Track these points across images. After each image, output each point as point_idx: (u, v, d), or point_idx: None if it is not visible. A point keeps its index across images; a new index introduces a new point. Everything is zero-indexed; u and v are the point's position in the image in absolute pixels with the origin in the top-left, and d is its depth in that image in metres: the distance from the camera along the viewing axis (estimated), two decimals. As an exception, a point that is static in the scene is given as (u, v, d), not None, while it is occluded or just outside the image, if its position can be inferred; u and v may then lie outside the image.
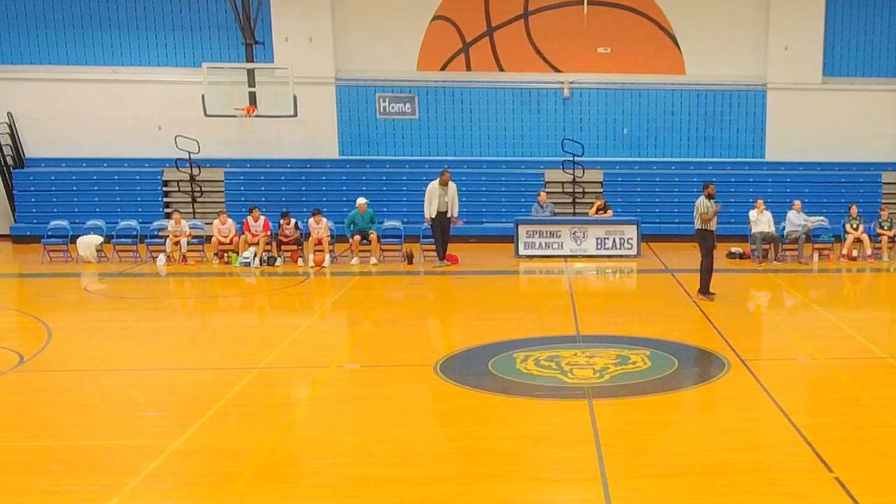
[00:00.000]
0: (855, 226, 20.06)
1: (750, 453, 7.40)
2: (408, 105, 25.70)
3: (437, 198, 18.90)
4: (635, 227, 20.38)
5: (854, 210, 20.28)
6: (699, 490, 6.57)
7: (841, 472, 6.81)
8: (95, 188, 23.56)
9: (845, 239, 20.06)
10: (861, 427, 8.09)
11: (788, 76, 25.35)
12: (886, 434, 7.86)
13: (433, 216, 18.91)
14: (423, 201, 19.21)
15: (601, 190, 24.07)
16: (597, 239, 20.38)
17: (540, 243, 20.31)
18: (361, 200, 19.69)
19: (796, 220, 19.90)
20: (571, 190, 24.23)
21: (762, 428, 8.16)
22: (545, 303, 15.72)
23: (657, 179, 24.53)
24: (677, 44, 25.63)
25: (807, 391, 9.73)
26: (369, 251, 19.38)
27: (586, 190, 24.18)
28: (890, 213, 20.88)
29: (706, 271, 14.80)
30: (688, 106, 25.87)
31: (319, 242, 19.02)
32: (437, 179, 19.06)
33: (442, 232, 19.02)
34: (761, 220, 19.60)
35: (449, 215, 19.02)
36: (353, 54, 25.25)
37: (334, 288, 16.98)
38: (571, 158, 24.05)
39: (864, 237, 19.99)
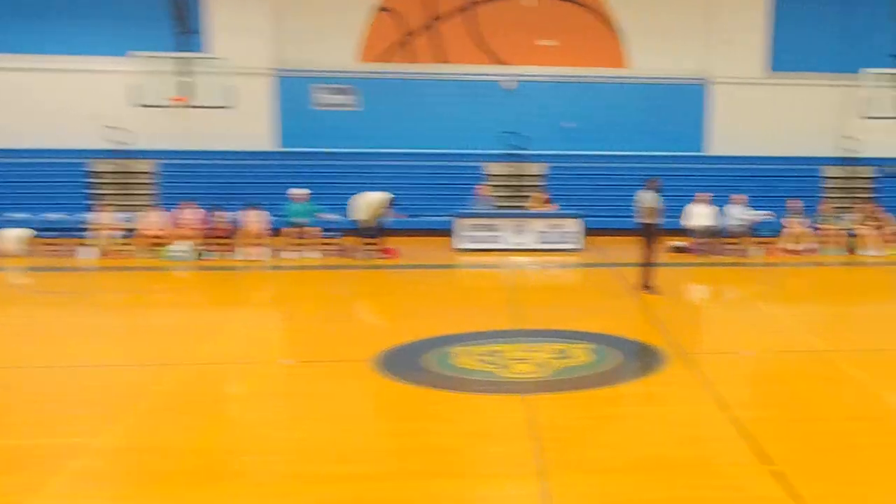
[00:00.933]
0: (796, 220, 20.36)
1: (692, 447, 7.41)
2: (349, 97, 25.59)
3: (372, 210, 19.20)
4: (579, 220, 20.47)
5: (795, 204, 20.60)
6: (641, 485, 6.55)
7: (782, 466, 6.83)
8: (20, 180, 23.04)
9: (787, 233, 20.35)
10: (802, 420, 8.15)
11: (733, 70, 25.70)
12: (827, 427, 7.93)
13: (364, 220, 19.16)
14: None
15: (544, 183, 24.16)
16: (539, 233, 20.44)
17: (481, 237, 20.31)
18: (297, 191, 19.58)
19: (739, 214, 20.15)
20: (514, 183, 24.28)
21: (704, 422, 8.18)
22: (485, 297, 15.66)
23: (601, 173, 24.67)
24: (622, 37, 25.84)
25: (748, 385, 9.79)
26: (307, 245, 19.23)
27: (529, 183, 24.25)
28: (834, 208, 21.27)
29: (649, 266, 14.89)
30: (632, 99, 26.11)
31: (255, 236, 18.83)
32: (387, 199, 19.24)
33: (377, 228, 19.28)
34: (704, 214, 19.81)
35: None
36: (293, 45, 25.06)
37: (270, 282, 16.81)
38: (515, 151, 24.10)
39: (806, 231, 20.30)
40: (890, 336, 11.96)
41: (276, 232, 19.68)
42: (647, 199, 14.76)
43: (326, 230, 19.91)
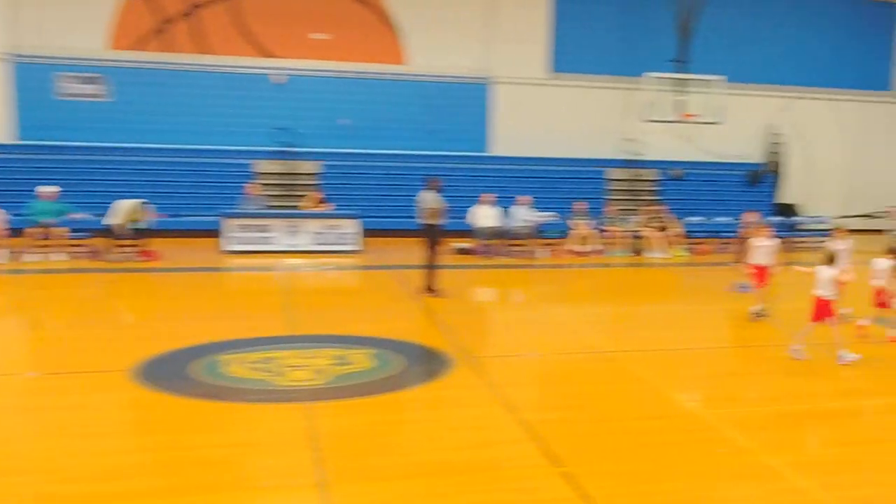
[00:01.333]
0: (582, 221, 21.19)
1: (480, 451, 7.50)
2: (98, 86, 24.66)
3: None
4: (356, 221, 20.48)
5: (580, 206, 21.43)
6: (428, 490, 6.57)
7: (570, 467, 7.03)
8: None
9: (573, 234, 21.13)
10: (590, 421, 8.43)
11: (515, 70, 26.44)
12: (615, 427, 8.23)
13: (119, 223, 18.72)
14: (115, 192, 19.00)
15: (319, 182, 24.04)
16: (314, 234, 20.35)
17: (251, 238, 20.00)
18: (43, 188, 18.76)
19: (524, 215, 20.75)
20: (286, 182, 24.06)
21: (492, 425, 8.31)
22: (257, 301, 15.41)
23: (380, 172, 24.80)
24: (401, 34, 26.11)
25: (536, 387, 10.05)
26: (54, 246, 18.40)
27: (303, 182, 24.09)
28: (619, 210, 22.28)
29: (432, 267, 15.06)
30: (411, 97, 26.41)
31: (-9, 237, 17.85)
32: (138, 205, 18.83)
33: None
34: (489, 215, 20.26)
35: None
36: (33, 29, 23.89)
37: (11, 287, 15.96)
38: (287, 149, 23.88)
39: (591, 232, 21.16)
40: (674, 336, 12.61)
41: (16, 232, 18.65)
42: (428, 199, 14.93)
43: (75, 231, 19.04)
